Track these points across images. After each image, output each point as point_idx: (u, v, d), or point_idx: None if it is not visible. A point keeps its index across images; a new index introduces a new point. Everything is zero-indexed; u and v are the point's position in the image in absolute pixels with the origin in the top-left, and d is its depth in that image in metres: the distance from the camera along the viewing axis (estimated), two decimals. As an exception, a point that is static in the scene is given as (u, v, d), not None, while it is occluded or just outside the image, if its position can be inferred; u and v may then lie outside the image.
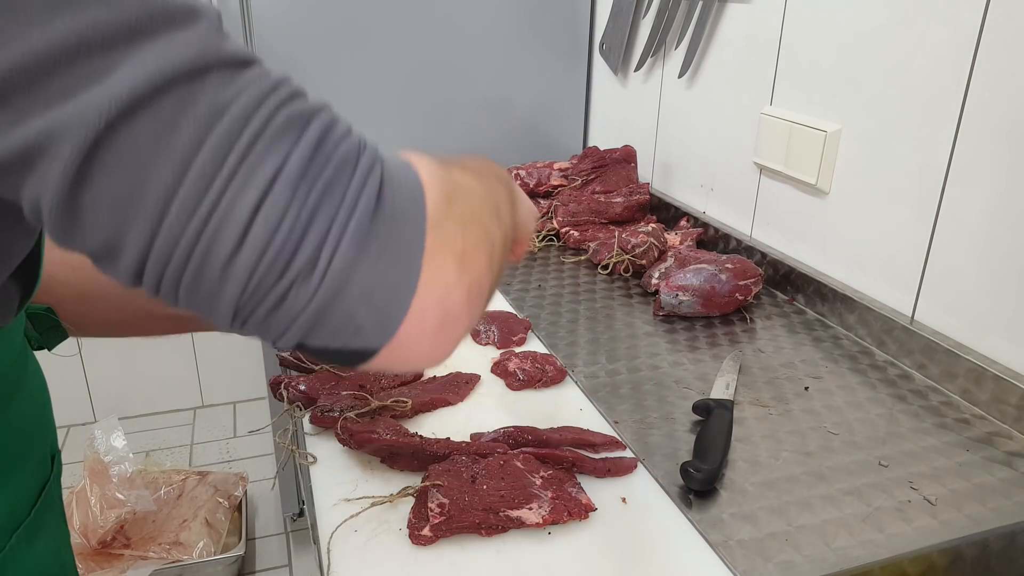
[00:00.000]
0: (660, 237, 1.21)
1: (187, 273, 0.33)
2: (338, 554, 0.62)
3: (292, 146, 0.33)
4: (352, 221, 0.34)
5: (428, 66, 1.57)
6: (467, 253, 0.38)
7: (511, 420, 0.80)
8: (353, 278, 0.34)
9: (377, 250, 0.35)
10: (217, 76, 0.33)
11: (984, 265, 0.85)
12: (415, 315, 0.36)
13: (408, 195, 0.36)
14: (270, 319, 0.34)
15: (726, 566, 0.62)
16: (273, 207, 0.32)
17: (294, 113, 0.34)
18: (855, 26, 0.98)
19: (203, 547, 1.66)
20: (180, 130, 0.31)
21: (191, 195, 0.31)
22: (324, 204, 0.33)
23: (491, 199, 0.44)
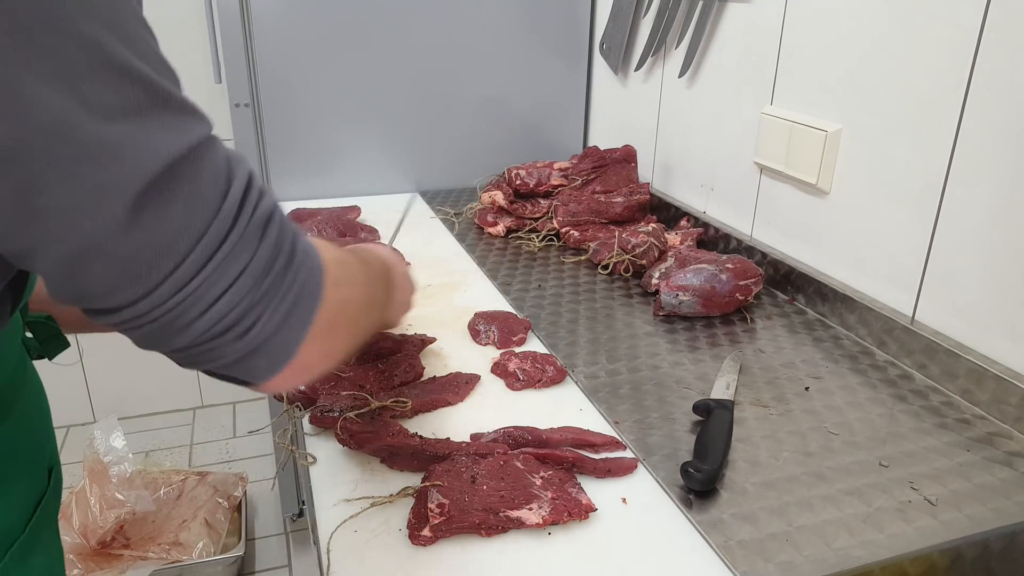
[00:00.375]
0: (660, 237, 1.21)
1: (153, 325, 0.42)
2: (338, 554, 0.62)
3: (258, 246, 0.43)
4: (282, 305, 0.45)
5: (428, 66, 1.57)
6: (335, 325, 0.50)
7: (511, 420, 0.79)
8: (267, 343, 0.45)
9: (289, 325, 0.45)
10: (208, 168, 0.41)
11: (985, 265, 0.85)
12: (290, 367, 0.47)
13: (315, 280, 0.47)
14: (197, 358, 0.45)
15: (726, 566, 0.62)
16: (237, 293, 0.42)
17: (262, 213, 0.44)
18: (855, 26, 0.98)
19: (203, 547, 1.66)
20: (185, 228, 0.40)
21: (182, 277, 0.40)
22: (269, 293, 0.44)
23: (367, 295, 0.59)
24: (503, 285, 1.17)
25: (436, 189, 1.67)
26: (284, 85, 1.49)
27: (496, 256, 1.29)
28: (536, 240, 1.34)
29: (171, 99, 0.40)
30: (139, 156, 0.38)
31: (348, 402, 0.79)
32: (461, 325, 1.01)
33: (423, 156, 1.64)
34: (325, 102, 1.53)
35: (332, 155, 1.57)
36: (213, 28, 1.60)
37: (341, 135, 1.56)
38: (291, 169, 1.55)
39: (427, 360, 0.92)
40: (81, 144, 0.36)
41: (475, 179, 1.65)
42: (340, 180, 1.59)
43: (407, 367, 0.86)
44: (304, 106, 1.52)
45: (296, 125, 1.52)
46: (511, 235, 1.39)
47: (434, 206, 1.55)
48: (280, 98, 1.50)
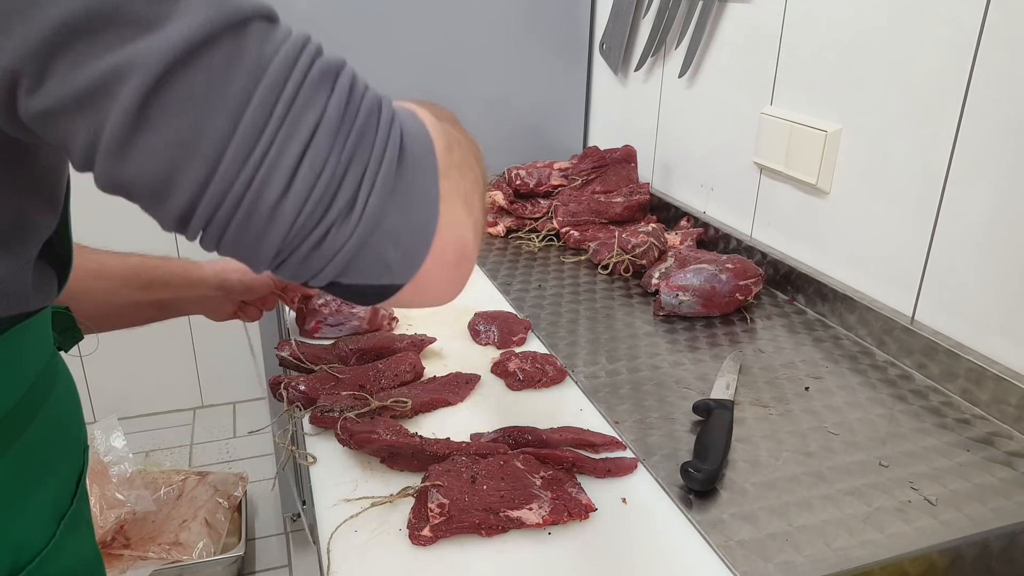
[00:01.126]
0: (660, 237, 1.21)
1: (238, 215, 0.35)
2: (338, 554, 0.62)
3: (328, 97, 0.36)
4: (383, 167, 0.37)
5: (428, 66, 1.57)
6: (469, 196, 0.43)
7: (511, 420, 0.79)
8: (384, 219, 0.37)
9: (403, 194, 0.38)
10: (257, 29, 0.35)
11: (984, 265, 0.85)
12: (436, 253, 0.40)
13: (422, 145, 0.40)
14: (310, 258, 0.37)
15: (726, 566, 0.62)
16: (316, 154, 0.35)
17: (325, 66, 0.37)
18: (855, 26, 0.98)
19: (203, 547, 1.66)
20: (231, 81, 0.34)
21: (244, 143, 0.34)
22: (359, 151, 0.37)
23: (475, 151, 0.50)
24: (503, 285, 1.17)
25: (436, 189, 1.66)
26: (284, 85, 1.49)
27: (496, 256, 1.29)
28: (536, 240, 1.34)
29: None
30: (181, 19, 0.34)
31: (348, 402, 0.79)
32: (461, 325, 1.01)
33: (423, 156, 1.64)
34: (325, 102, 1.53)
35: (332, 155, 1.57)
36: (213, 28, 1.60)
37: (341, 135, 1.56)
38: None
39: (427, 360, 0.92)
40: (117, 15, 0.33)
41: (475, 179, 1.65)
42: (340, 180, 1.59)
43: (407, 367, 0.86)
44: (304, 106, 1.52)
45: (296, 125, 1.52)
46: (511, 235, 1.39)
47: (434, 206, 1.55)
48: (280, 98, 1.50)
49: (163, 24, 0.33)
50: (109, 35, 0.33)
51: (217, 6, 0.34)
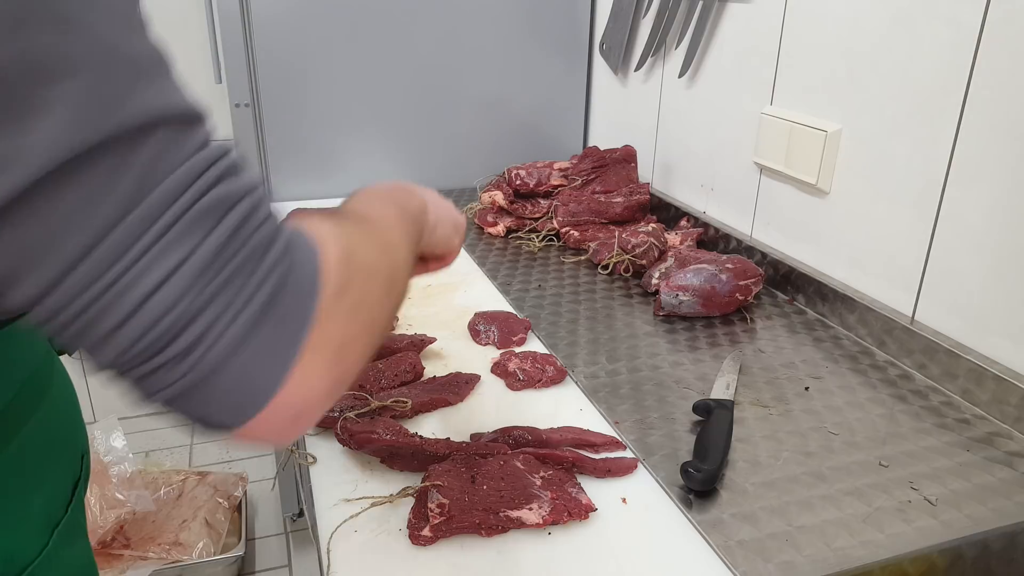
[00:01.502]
0: (660, 237, 1.21)
1: (72, 327, 0.33)
2: (338, 554, 0.62)
3: (206, 234, 0.33)
4: (239, 318, 0.34)
5: (428, 66, 1.57)
6: (345, 345, 0.39)
7: (511, 420, 0.79)
8: (220, 373, 0.34)
9: (255, 348, 0.35)
10: (161, 138, 0.33)
11: (984, 265, 0.85)
12: (271, 410, 0.36)
13: (305, 290, 0.37)
14: (140, 383, 0.35)
15: (726, 566, 0.62)
16: (169, 293, 0.33)
17: (220, 196, 0.34)
18: (855, 26, 0.98)
19: (203, 547, 1.66)
20: (106, 200, 0.31)
21: (99, 263, 0.32)
22: (218, 299, 0.34)
23: (388, 274, 0.45)
24: (503, 285, 1.17)
25: (436, 189, 1.66)
26: (284, 85, 1.49)
27: (496, 256, 1.29)
28: (536, 240, 1.34)
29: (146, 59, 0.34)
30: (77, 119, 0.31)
31: (348, 402, 0.79)
32: (461, 325, 1.01)
33: (423, 156, 1.64)
34: (325, 102, 1.53)
35: (332, 155, 1.57)
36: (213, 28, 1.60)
37: (341, 135, 1.56)
38: (291, 169, 1.55)
39: (427, 360, 0.92)
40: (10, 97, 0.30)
41: (475, 179, 1.65)
42: (340, 180, 1.59)
43: (407, 367, 0.86)
44: (304, 106, 1.52)
45: (296, 125, 1.52)
46: (511, 235, 1.39)
47: (434, 206, 1.55)
48: (280, 98, 1.50)
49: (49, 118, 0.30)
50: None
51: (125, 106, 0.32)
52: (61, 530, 0.55)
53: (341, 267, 0.39)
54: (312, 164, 1.56)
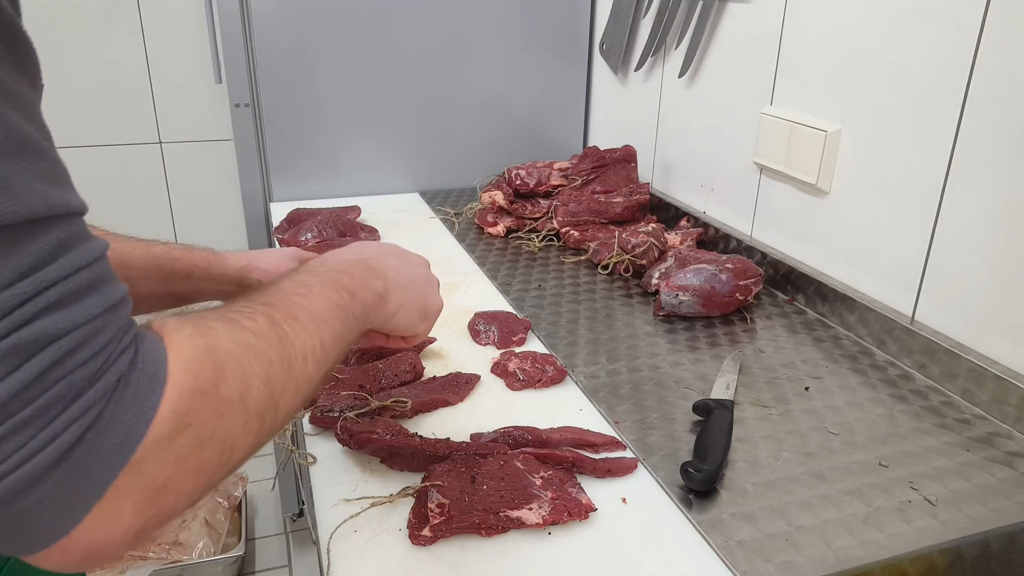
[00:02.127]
0: (660, 237, 1.21)
1: None
2: (338, 554, 0.62)
3: (7, 374, 0.32)
4: (32, 461, 0.32)
5: (428, 66, 1.57)
6: (168, 486, 0.37)
7: (511, 420, 0.79)
8: (10, 509, 0.33)
9: (44, 490, 0.33)
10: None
11: (984, 265, 0.85)
12: (59, 548, 0.35)
13: (120, 437, 0.35)
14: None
15: (726, 566, 0.62)
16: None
17: (30, 336, 0.32)
18: (855, 26, 0.98)
19: (203, 547, 1.66)
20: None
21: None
22: (8, 440, 0.32)
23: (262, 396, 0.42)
24: (503, 285, 1.17)
25: (436, 189, 1.67)
26: (284, 85, 1.49)
27: (496, 256, 1.29)
28: (536, 240, 1.34)
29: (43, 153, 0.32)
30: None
31: (348, 402, 0.79)
32: (461, 325, 1.01)
33: (423, 156, 1.64)
34: (325, 102, 1.53)
35: (332, 155, 1.57)
36: (213, 28, 1.60)
37: (341, 135, 1.56)
38: (291, 169, 1.55)
39: (427, 360, 0.92)
40: None
41: (475, 179, 1.65)
42: (340, 180, 1.59)
43: (407, 367, 0.86)
44: (304, 106, 1.52)
45: (296, 125, 1.52)
46: (511, 235, 1.39)
47: (434, 206, 1.55)
48: (280, 98, 1.50)
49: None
50: None
51: None
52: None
53: (189, 402, 0.37)
54: (312, 164, 1.56)
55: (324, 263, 0.57)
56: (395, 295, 0.61)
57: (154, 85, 1.85)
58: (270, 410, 0.43)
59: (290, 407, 0.45)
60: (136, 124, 1.90)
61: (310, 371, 0.47)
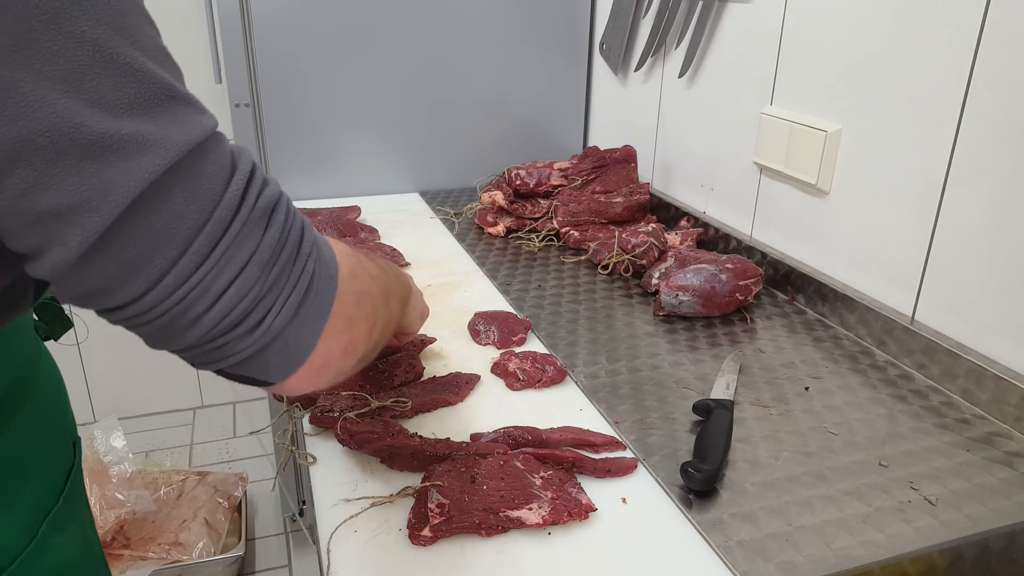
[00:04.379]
0: (660, 237, 1.21)
1: (161, 320, 0.40)
2: (338, 554, 0.62)
3: (263, 232, 0.42)
4: (292, 296, 0.43)
5: (428, 66, 1.57)
6: (354, 319, 0.49)
7: (511, 420, 0.79)
8: (280, 337, 0.43)
9: (301, 318, 0.44)
10: (211, 156, 0.40)
11: (985, 265, 0.85)
12: (308, 364, 0.46)
13: (331, 272, 0.47)
14: (209, 355, 0.43)
15: (726, 566, 0.62)
16: (244, 282, 0.41)
17: (266, 201, 0.42)
18: (855, 26, 0.98)
19: (203, 547, 1.66)
20: (185, 217, 0.39)
21: (186, 268, 0.39)
22: (278, 283, 0.43)
23: (384, 289, 0.57)
24: (503, 285, 1.17)
25: (436, 189, 1.67)
26: (284, 85, 1.49)
27: (496, 256, 1.29)
28: (536, 240, 1.34)
29: (176, 94, 0.39)
30: (147, 152, 0.37)
31: (348, 402, 0.79)
32: (461, 325, 1.01)
33: (423, 156, 1.64)
34: (325, 102, 1.53)
35: (332, 155, 1.57)
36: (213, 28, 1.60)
37: (341, 135, 1.56)
38: (291, 169, 1.55)
39: (427, 360, 0.92)
40: (86, 143, 0.35)
41: (475, 179, 1.65)
42: (340, 180, 1.59)
43: (407, 367, 0.86)
44: (304, 106, 1.52)
45: (296, 125, 1.52)
46: (511, 235, 1.39)
47: (434, 206, 1.55)
48: (280, 98, 1.50)
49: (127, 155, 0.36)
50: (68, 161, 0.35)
51: (176, 134, 0.38)
52: (52, 519, 0.56)
53: (349, 259, 0.50)
54: (312, 164, 1.56)
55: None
56: (415, 295, 0.76)
57: (154, 85, 1.85)
58: (387, 298, 0.57)
59: (389, 318, 0.58)
60: (136, 124, 1.89)
61: (398, 291, 0.63)
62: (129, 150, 0.36)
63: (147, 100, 0.38)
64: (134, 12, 0.38)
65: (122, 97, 0.36)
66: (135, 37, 0.38)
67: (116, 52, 0.36)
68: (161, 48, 0.40)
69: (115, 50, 0.36)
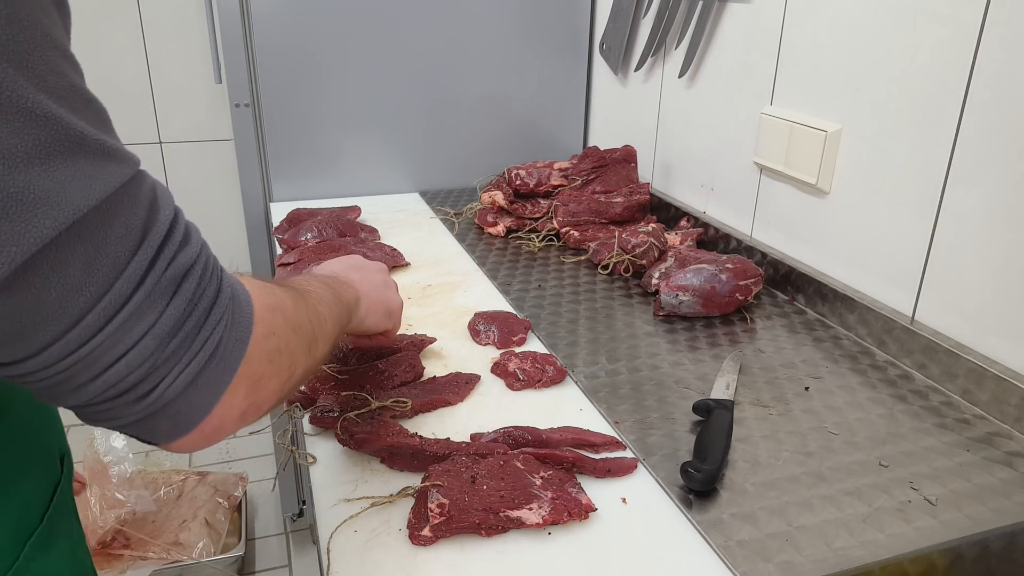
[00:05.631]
0: (660, 237, 1.21)
1: (42, 384, 0.38)
2: (338, 554, 0.62)
3: (168, 303, 0.39)
4: (191, 366, 0.41)
5: (428, 66, 1.57)
6: (263, 378, 0.46)
7: (511, 420, 0.79)
8: (171, 405, 0.41)
9: (198, 387, 0.41)
10: (121, 223, 0.37)
11: (984, 265, 0.85)
12: (199, 430, 0.43)
13: (238, 336, 0.43)
14: (95, 416, 0.41)
15: (726, 566, 0.62)
16: (136, 356, 0.38)
17: (177, 268, 0.40)
18: (855, 26, 0.98)
19: (203, 547, 1.66)
20: (82, 290, 0.36)
21: (73, 342, 0.36)
22: (176, 353, 0.40)
23: (309, 336, 0.53)
24: (503, 285, 1.17)
25: (436, 189, 1.67)
26: (284, 85, 1.49)
27: (496, 256, 1.29)
28: (536, 240, 1.34)
29: (85, 141, 0.35)
30: (38, 212, 0.33)
31: (348, 402, 0.79)
32: (461, 325, 1.01)
33: (423, 156, 1.64)
34: (325, 102, 1.53)
35: (332, 155, 1.57)
36: (213, 28, 1.60)
37: (341, 135, 1.56)
38: (291, 169, 1.55)
39: (427, 360, 0.92)
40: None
41: (475, 179, 1.65)
42: (340, 180, 1.59)
43: (407, 367, 0.86)
44: (304, 106, 1.52)
45: (296, 125, 1.52)
46: (511, 235, 1.39)
47: (434, 206, 1.55)
48: (280, 98, 1.50)
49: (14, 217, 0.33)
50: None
51: (75, 191, 0.35)
52: (35, 540, 0.54)
53: (269, 315, 0.47)
54: (312, 164, 1.56)
55: (309, 274, 0.66)
56: (363, 303, 0.73)
57: (154, 85, 1.85)
58: (312, 344, 0.54)
59: (312, 364, 0.55)
60: (136, 124, 1.90)
61: (329, 329, 0.59)
62: (18, 210, 0.33)
63: (47, 150, 0.34)
64: (43, 46, 0.34)
65: (18, 146, 0.33)
66: (41, 76, 0.34)
67: (15, 94, 0.33)
68: (73, 87, 0.36)
69: (14, 92, 0.32)
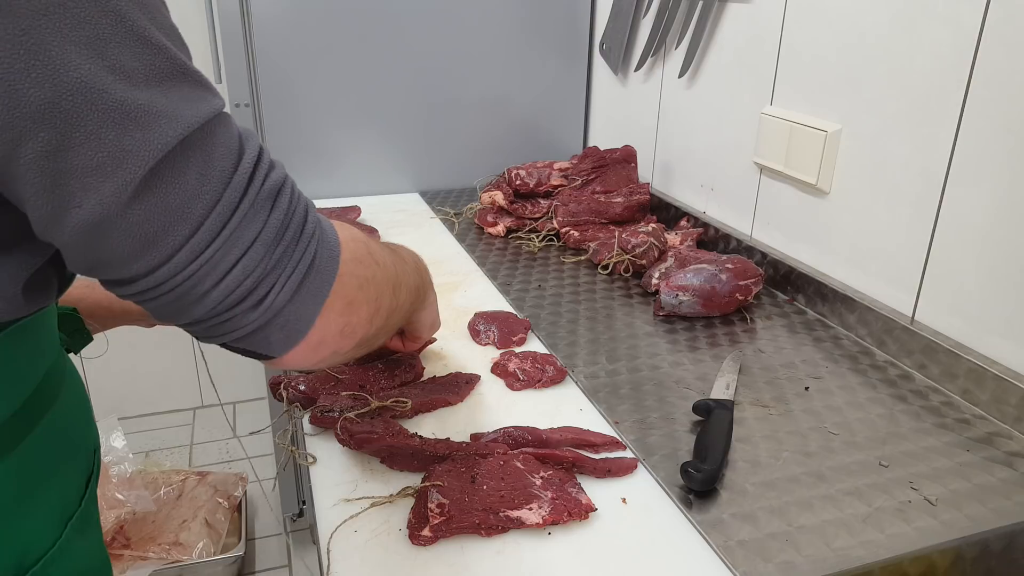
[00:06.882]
0: (660, 237, 1.21)
1: (171, 295, 0.42)
2: (338, 554, 0.62)
3: (269, 213, 0.44)
4: (294, 275, 0.45)
5: (428, 66, 1.57)
6: (355, 302, 0.51)
7: (511, 420, 0.79)
8: (281, 313, 0.45)
9: (302, 295, 0.46)
10: (222, 142, 0.42)
11: (984, 265, 0.85)
12: (306, 341, 0.48)
13: (330, 254, 0.48)
14: (215, 329, 0.45)
15: (726, 566, 0.62)
16: (250, 261, 0.43)
17: (271, 184, 0.44)
18: (855, 26, 0.98)
19: (203, 547, 1.66)
20: (198, 197, 0.41)
21: (197, 245, 0.41)
22: (281, 261, 0.45)
23: (393, 277, 0.58)
24: (503, 285, 1.16)
25: (436, 189, 1.67)
26: (284, 85, 1.49)
27: (496, 256, 1.29)
28: (536, 240, 1.34)
29: (188, 71, 0.41)
30: (160, 124, 0.38)
31: (348, 402, 0.79)
32: (461, 325, 1.01)
33: (423, 156, 1.64)
34: (325, 102, 1.53)
35: (332, 155, 1.57)
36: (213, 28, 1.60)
37: (341, 135, 1.56)
38: (291, 169, 1.53)
39: (427, 360, 0.92)
40: (107, 108, 0.37)
41: (475, 179, 1.65)
42: (340, 180, 1.59)
43: (407, 367, 0.86)
44: (304, 106, 1.52)
45: (296, 125, 1.52)
46: (511, 235, 1.39)
47: (434, 206, 1.55)
48: (280, 98, 1.50)
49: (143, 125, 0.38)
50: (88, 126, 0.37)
51: (186, 110, 0.40)
52: (75, 523, 0.56)
53: (353, 244, 0.51)
54: (312, 164, 1.56)
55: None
56: (431, 295, 0.78)
57: (154, 85, 1.85)
58: (397, 286, 0.59)
59: (396, 306, 0.60)
60: (136, 124, 1.89)
61: (411, 281, 0.65)
62: (145, 120, 0.38)
63: (160, 74, 0.39)
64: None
65: (140, 68, 0.38)
66: (151, 12, 0.39)
67: (135, 24, 0.38)
68: (173, 27, 0.42)
69: (135, 22, 0.38)
